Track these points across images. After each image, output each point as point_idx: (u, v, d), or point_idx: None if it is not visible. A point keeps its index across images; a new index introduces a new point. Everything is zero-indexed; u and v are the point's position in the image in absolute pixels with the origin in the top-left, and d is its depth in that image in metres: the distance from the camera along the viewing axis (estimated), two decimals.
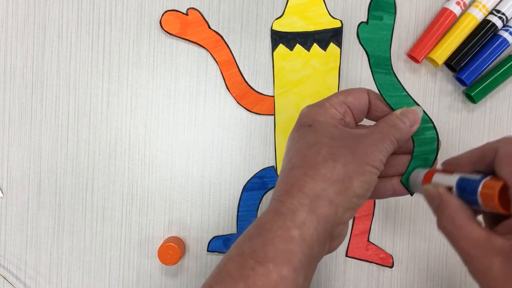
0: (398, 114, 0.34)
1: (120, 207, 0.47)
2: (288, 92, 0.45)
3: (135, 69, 0.46)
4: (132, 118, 0.46)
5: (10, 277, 0.47)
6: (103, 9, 0.45)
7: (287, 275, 0.28)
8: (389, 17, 0.35)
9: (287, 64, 0.45)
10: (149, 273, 0.47)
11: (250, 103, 0.45)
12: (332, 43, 0.44)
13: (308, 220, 0.29)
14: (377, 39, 0.35)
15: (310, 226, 0.29)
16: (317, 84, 0.45)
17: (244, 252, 0.29)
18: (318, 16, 0.44)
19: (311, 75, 0.45)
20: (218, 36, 0.45)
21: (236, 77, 0.45)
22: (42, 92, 0.46)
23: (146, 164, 0.46)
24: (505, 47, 0.44)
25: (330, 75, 0.45)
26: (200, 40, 0.44)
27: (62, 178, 0.46)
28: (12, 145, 0.46)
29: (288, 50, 0.44)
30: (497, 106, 0.46)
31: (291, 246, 0.29)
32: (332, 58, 0.45)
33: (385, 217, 0.46)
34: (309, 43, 0.44)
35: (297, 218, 0.29)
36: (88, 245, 0.47)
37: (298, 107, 0.45)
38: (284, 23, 0.44)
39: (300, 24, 0.44)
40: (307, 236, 0.29)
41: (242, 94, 0.45)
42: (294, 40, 0.44)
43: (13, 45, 0.46)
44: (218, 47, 0.44)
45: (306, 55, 0.44)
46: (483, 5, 0.43)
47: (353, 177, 0.30)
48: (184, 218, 0.47)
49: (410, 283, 0.47)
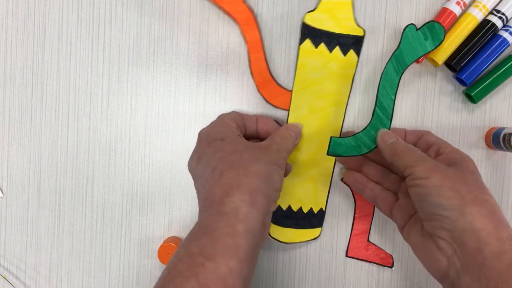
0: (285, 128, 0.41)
1: (120, 207, 0.47)
2: (305, 89, 0.44)
3: (135, 69, 0.46)
4: (132, 118, 0.46)
5: (10, 277, 0.47)
6: (103, 9, 0.45)
7: (235, 266, 0.31)
8: (431, 43, 0.40)
9: (310, 61, 0.44)
10: (149, 273, 0.47)
11: (269, 93, 0.44)
12: (352, 50, 0.44)
13: (250, 213, 0.33)
14: (412, 47, 0.40)
15: (253, 218, 0.33)
16: (330, 87, 0.44)
17: (193, 251, 0.32)
18: (345, 20, 0.43)
19: (327, 76, 0.44)
20: (250, 12, 0.43)
21: (261, 63, 0.43)
22: (42, 92, 0.46)
23: (146, 164, 0.46)
24: (505, 47, 0.44)
25: (344, 81, 0.44)
26: (234, 12, 0.42)
27: (62, 178, 0.46)
28: (12, 145, 0.46)
29: (313, 47, 0.43)
30: (497, 106, 0.46)
31: (237, 240, 0.32)
32: (349, 65, 0.44)
33: (385, 217, 0.46)
34: (332, 44, 0.43)
35: (240, 214, 0.33)
36: (88, 245, 0.47)
37: (312, 107, 0.44)
38: (316, 17, 0.43)
39: (328, 23, 0.43)
40: (250, 228, 0.33)
41: (264, 83, 0.44)
42: (320, 38, 0.43)
43: (13, 45, 0.46)
44: (249, 24, 0.43)
45: (327, 56, 0.43)
46: (483, 5, 0.43)
47: (274, 174, 0.36)
48: (184, 218, 0.47)
49: (410, 283, 0.47)
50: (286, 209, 0.45)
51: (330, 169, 0.46)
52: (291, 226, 0.45)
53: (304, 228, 0.46)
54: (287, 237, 0.45)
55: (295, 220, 0.45)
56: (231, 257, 0.31)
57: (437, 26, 0.39)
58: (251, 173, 0.35)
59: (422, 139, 0.42)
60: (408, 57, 0.40)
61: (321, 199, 0.46)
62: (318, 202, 0.46)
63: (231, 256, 0.31)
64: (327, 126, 0.45)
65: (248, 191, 0.34)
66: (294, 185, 0.45)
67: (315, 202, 0.46)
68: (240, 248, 0.32)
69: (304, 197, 0.45)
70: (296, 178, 0.45)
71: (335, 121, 0.45)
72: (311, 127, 0.44)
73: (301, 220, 0.45)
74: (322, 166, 0.45)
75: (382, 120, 0.41)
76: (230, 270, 0.31)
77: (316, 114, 0.44)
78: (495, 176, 0.47)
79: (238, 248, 0.32)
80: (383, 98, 0.41)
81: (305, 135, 0.44)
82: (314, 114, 0.44)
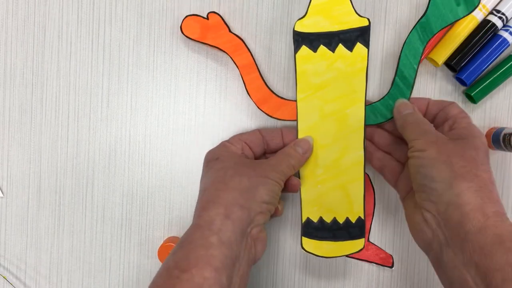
0: (292, 145, 0.41)
1: (120, 207, 0.47)
2: (311, 96, 0.42)
3: (135, 69, 0.46)
4: (132, 118, 0.46)
5: (10, 277, 0.47)
6: (103, 9, 0.45)
7: (209, 275, 0.32)
8: (463, 9, 0.38)
9: (311, 67, 0.42)
10: (149, 273, 0.47)
11: (271, 108, 0.43)
12: (359, 43, 0.41)
13: (224, 225, 0.34)
14: (441, 13, 0.38)
15: (227, 230, 0.34)
16: (342, 87, 0.42)
17: (169, 265, 0.34)
18: (344, 15, 0.41)
19: (335, 77, 0.42)
20: (238, 39, 0.42)
21: (257, 81, 0.43)
22: (42, 92, 0.46)
23: (146, 164, 0.46)
24: (505, 47, 0.44)
25: (357, 78, 0.41)
26: (220, 44, 0.42)
27: (62, 178, 0.46)
28: (12, 145, 0.46)
29: (312, 52, 0.41)
30: (497, 106, 0.46)
31: (211, 251, 0.33)
32: (359, 59, 0.41)
33: (385, 217, 0.46)
34: (333, 44, 0.41)
35: (214, 226, 0.34)
36: (88, 245, 0.47)
37: (322, 112, 0.42)
38: (307, 23, 0.41)
39: (324, 23, 0.41)
40: (225, 240, 0.34)
41: (263, 99, 0.43)
42: (318, 41, 0.41)
43: (13, 45, 0.46)
44: (238, 50, 0.42)
45: (330, 56, 0.41)
46: (483, 5, 0.43)
47: (258, 186, 0.37)
48: (184, 218, 0.47)
49: (410, 283, 0.47)
50: (317, 221, 0.43)
51: (360, 173, 0.42)
52: (327, 239, 0.42)
53: (343, 240, 0.42)
54: (324, 251, 0.43)
55: (330, 232, 0.42)
56: (205, 267, 0.32)
57: None
58: (230, 187, 0.36)
59: (443, 111, 0.40)
60: (436, 24, 0.38)
61: (357, 206, 0.42)
62: (354, 210, 0.42)
63: (205, 266, 0.32)
64: (347, 128, 0.42)
65: (223, 205, 0.35)
66: (322, 195, 0.43)
67: (350, 211, 0.42)
68: (214, 258, 0.33)
69: (336, 206, 0.42)
70: (323, 187, 0.43)
71: (355, 121, 0.42)
72: (328, 132, 0.42)
73: (337, 231, 0.42)
74: (351, 171, 0.42)
75: (402, 90, 0.40)
76: (204, 279, 0.32)
77: (329, 119, 0.42)
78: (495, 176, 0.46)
79: (211, 258, 0.33)
80: (404, 67, 0.40)
81: (322, 141, 0.42)
82: (327, 118, 0.42)
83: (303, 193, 0.43)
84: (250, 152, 0.42)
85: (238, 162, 0.39)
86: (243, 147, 0.42)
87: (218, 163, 0.39)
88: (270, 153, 0.43)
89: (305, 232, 0.43)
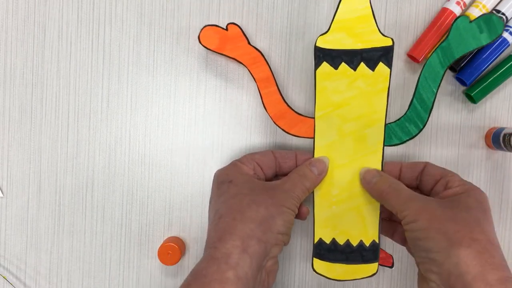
0: (308, 164, 0.40)
1: (120, 207, 0.47)
2: (330, 114, 0.41)
3: (135, 69, 0.46)
4: (132, 118, 0.46)
5: (10, 277, 0.47)
6: (103, 9, 0.45)
7: None
8: (487, 37, 0.38)
9: (331, 84, 0.41)
10: (149, 273, 0.47)
11: (288, 124, 0.42)
12: (381, 62, 0.40)
13: (242, 260, 0.33)
14: (463, 39, 0.38)
15: (244, 265, 0.33)
16: (363, 107, 0.41)
17: None
18: (368, 34, 0.40)
19: (356, 96, 0.40)
20: (257, 52, 0.41)
21: (274, 96, 0.42)
22: (42, 92, 0.46)
23: (146, 164, 0.46)
24: (505, 47, 0.44)
25: (378, 98, 0.40)
26: (238, 56, 0.41)
27: (62, 178, 0.46)
28: (12, 145, 0.46)
29: (333, 69, 0.40)
30: (497, 106, 0.46)
31: (227, 286, 0.32)
32: (381, 79, 0.40)
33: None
34: (355, 62, 0.40)
35: (231, 260, 0.33)
36: (88, 245, 0.47)
37: (341, 130, 0.41)
38: (330, 39, 0.40)
39: (347, 41, 0.40)
40: (241, 275, 0.33)
41: (280, 114, 0.42)
42: (339, 58, 0.40)
43: (13, 45, 0.46)
44: (256, 63, 0.41)
45: (351, 75, 0.40)
46: (483, 5, 0.43)
47: (275, 217, 0.36)
48: (184, 218, 0.47)
49: (410, 283, 0.47)
50: (330, 242, 0.41)
51: None
52: (339, 261, 0.41)
53: (356, 263, 0.41)
54: (336, 273, 0.42)
55: (343, 255, 0.41)
56: None
57: (495, 19, 0.38)
58: (247, 217, 0.35)
59: (426, 173, 0.40)
60: (458, 49, 0.38)
61: (372, 229, 0.41)
62: (368, 233, 0.41)
63: None
64: (365, 148, 0.41)
65: (240, 237, 0.34)
66: (336, 216, 0.41)
67: (365, 234, 0.41)
68: None
69: (350, 228, 0.41)
70: (337, 208, 0.41)
71: (374, 141, 0.41)
72: (345, 152, 0.41)
73: (350, 254, 0.41)
74: (367, 193, 0.41)
75: (419, 113, 0.40)
76: None
77: (348, 138, 0.41)
78: (495, 176, 0.47)
79: None
80: (423, 90, 0.39)
81: (339, 161, 0.41)
82: (345, 138, 0.41)
83: (317, 213, 0.42)
84: (262, 172, 0.41)
85: (254, 187, 0.38)
86: (255, 167, 0.41)
87: (232, 187, 0.38)
88: (282, 175, 0.42)
89: (317, 254, 0.42)
